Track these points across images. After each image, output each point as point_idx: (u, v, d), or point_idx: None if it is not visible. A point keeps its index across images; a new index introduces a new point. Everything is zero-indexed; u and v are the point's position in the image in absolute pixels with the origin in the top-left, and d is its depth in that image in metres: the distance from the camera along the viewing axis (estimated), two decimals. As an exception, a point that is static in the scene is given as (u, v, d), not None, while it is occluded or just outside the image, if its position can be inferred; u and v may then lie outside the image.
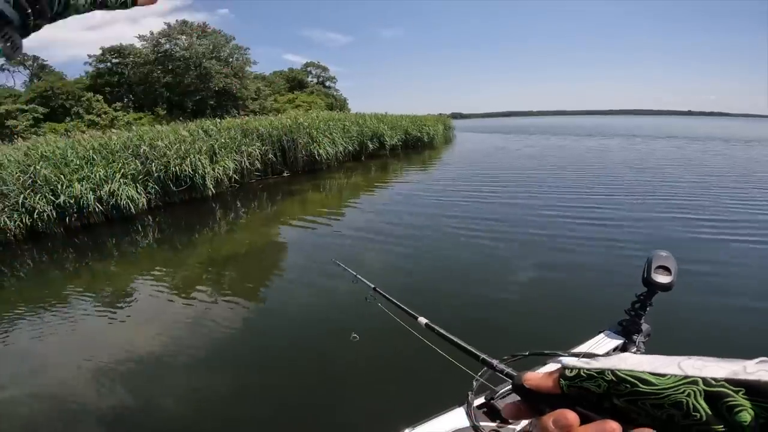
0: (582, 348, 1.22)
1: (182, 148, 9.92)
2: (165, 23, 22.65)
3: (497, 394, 1.03)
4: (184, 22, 22.91)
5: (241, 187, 11.39)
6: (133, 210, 8.61)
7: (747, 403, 0.24)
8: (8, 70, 27.62)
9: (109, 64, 25.81)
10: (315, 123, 12.72)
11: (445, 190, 9.38)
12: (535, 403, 0.33)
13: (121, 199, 8.46)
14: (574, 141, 23.14)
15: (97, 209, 8.25)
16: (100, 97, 24.82)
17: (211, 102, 23.34)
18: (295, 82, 37.34)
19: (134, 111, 26.45)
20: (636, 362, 0.29)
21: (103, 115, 24.52)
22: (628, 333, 1.24)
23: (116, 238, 7.62)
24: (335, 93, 42.20)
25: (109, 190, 8.43)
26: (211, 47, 22.13)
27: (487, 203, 7.76)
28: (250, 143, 11.26)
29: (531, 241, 5.56)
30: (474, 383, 0.95)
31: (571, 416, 0.29)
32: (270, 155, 11.95)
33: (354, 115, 16.21)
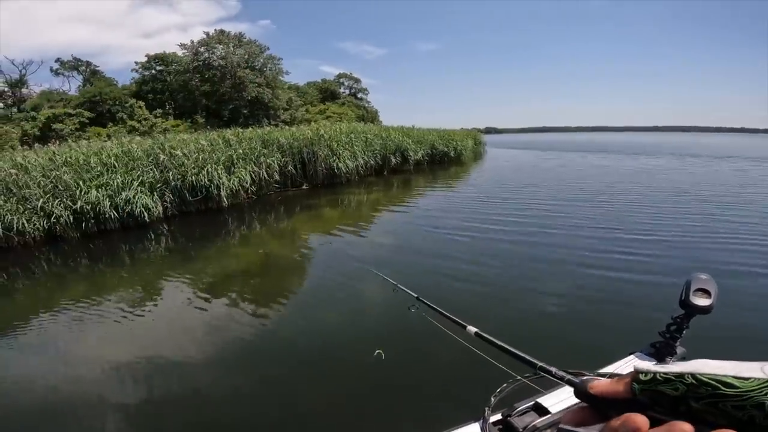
0: (609, 369, 1.15)
1: (200, 157, 9.89)
2: (204, 32, 23.56)
3: (515, 411, 1.00)
4: (222, 32, 23.67)
5: (258, 199, 11.26)
6: (147, 218, 8.61)
7: None
8: (63, 74, 29.67)
9: (153, 71, 27.12)
10: (336, 135, 12.42)
11: (462, 215, 8.65)
12: (602, 408, 0.34)
13: (136, 207, 8.49)
14: (615, 160, 21.59)
15: (112, 216, 8.30)
16: (142, 104, 26.03)
17: (245, 111, 23.85)
18: (327, 93, 37.85)
19: (174, 118, 27.60)
20: (718, 366, 0.30)
21: (143, 121, 25.67)
22: (660, 355, 1.20)
23: (129, 245, 7.66)
24: (367, 105, 42.39)
25: (126, 197, 8.48)
26: (245, 57, 22.66)
27: (507, 230, 6.99)
28: (269, 154, 11.09)
29: (562, 265, 5.20)
30: (492, 399, 0.95)
31: (640, 420, 0.30)
32: (290, 167, 11.73)
33: (377, 128, 15.81)
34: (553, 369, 0.71)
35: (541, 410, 1.01)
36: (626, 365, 1.20)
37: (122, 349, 3.65)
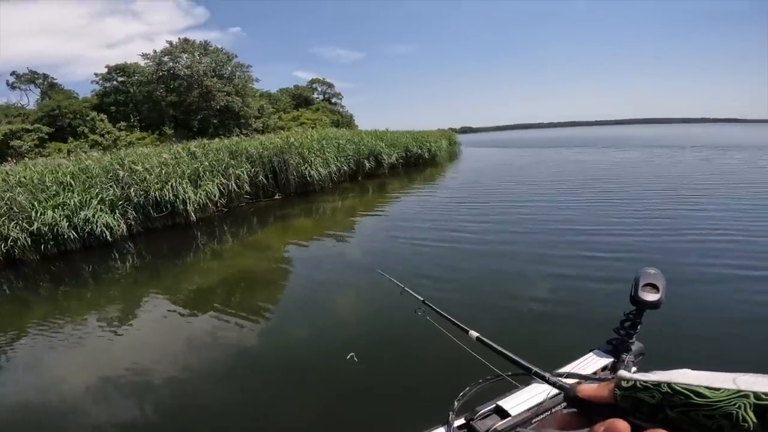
0: (569, 368, 1.16)
1: (163, 172, 9.47)
2: (167, 41, 22.77)
3: (477, 415, 0.99)
4: (186, 41, 22.99)
5: (229, 212, 10.90)
6: (109, 237, 8.20)
7: None
8: (20, 88, 28.18)
9: (114, 82, 26.05)
10: (307, 143, 12.15)
11: (431, 221, 8.51)
12: (588, 412, 0.36)
13: (96, 226, 8.06)
14: (587, 155, 22.11)
15: (71, 236, 7.89)
16: (104, 117, 24.92)
17: (214, 121, 23.20)
18: (300, 99, 37.42)
19: (141, 130, 26.57)
20: (693, 376, 0.33)
21: (106, 135, 24.58)
22: (617, 352, 1.20)
23: (93, 265, 7.35)
24: (341, 109, 42.17)
25: (85, 217, 8.05)
26: (212, 65, 22.04)
27: (475, 237, 6.89)
28: (238, 165, 10.73)
29: (529, 262, 5.30)
30: (456, 403, 0.98)
31: (622, 425, 0.32)
32: (261, 177, 11.39)
33: (350, 133, 15.61)
34: (547, 374, 0.73)
35: (502, 413, 1.00)
36: (585, 362, 1.22)
37: (91, 369, 3.57)
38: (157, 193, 9.09)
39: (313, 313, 4.41)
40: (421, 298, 1.42)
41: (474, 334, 1.10)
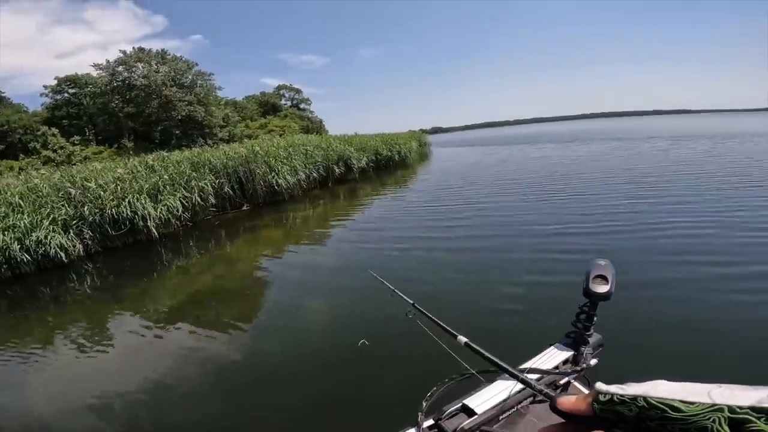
0: (531, 363, 1.18)
1: (119, 188, 9.00)
2: (120, 51, 21.77)
3: (444, 414, 1.00)
4: (141, 49, 22.03)
5: (195, 226, 10.47)
6: (65, 258, 7.76)
7: None
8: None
9: (66, 94, 24.67)
10: (273, 151, 11.87)
11: (400, 225, 8.40)
12: (574, 422, 0.37)
13: (50, 247, 7.61)
14: (551, 150, 22.81)
15: (25, 259, 7.44)
16: (57, 131, 23.55)
17: (177, 131, 22.34)
18: (268, 106, 36.77)
19: (97, 144, 25.24)
20: (667, 390, 0.33)
21: (59, 151, 23.24)
22: (576, 344, 1.21)
23: (51, 288, 6.98)
24: (310, 115, 41.76)
25: (36, 238, 7.58)
26: (171, 74, 21.20)
27: (443, 238, 6.92)
28: (201, 177, 10.34)
29: (495, 262, 5.36)
30: (423, 403, 1.00)
31: None
32: (226, 188, 11.03)
33: (318, 139, 15.41)
34: (533, 382, 0.73)
35: (469, 411, 1.01)
36: (547, 356, 1.24)
37: (57, 394, 3.50)
38: (113, 210, 8.61)
39: (287, 324, 4.35)
40: (411, 301, 1.41)
41: (462, 339, 1.09)
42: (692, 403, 0.30)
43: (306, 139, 14.75)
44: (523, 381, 0.80)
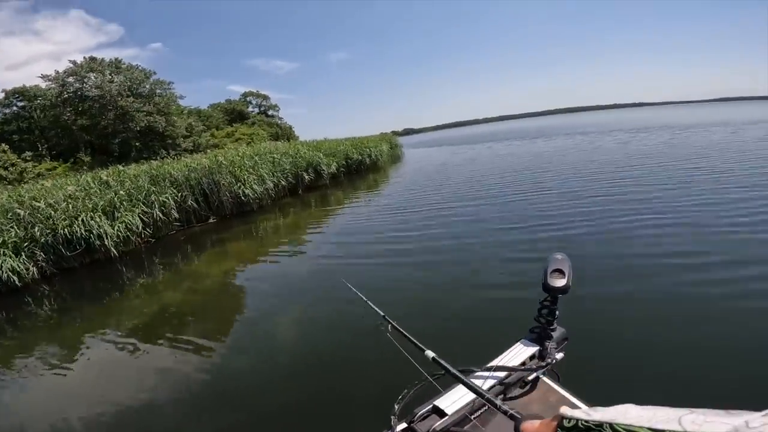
0: (498, 360, 1.19)
1: (72, 206, 8.46)
2: (70, 61, 20.53)
3: (416, 417, 1.01)
4: (93, 59, 20.87)
5: (158, 241, 10.00)
6: (17, 282, 7.28)
7: None
8: None
9: (15, 108, 23.10)
10: (238, 160, 11.48)
11: (371, 229, 8.25)
12: None
13: (2, 271, 7.16)
14: (518, 147, 23.36)
15: None
16: (6, 147, 21.99)
17: (136, 143, 21.31)
18: (234, 114, 35.81)
19: (52, 159, 23.77)
20: (636, 416, 0.30)
21: (11, 168, 21.71)
22: (541, 340, 1.21)
23: (6, 312, 6.57)
24: (279, 121, 41.04)
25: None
26: (127, 84, 20.20)
27: (408, 249, 6.78)
28: (161, 191, 9.86)
29: (465, 262, 5.38)
30: (395, 406, 1.02)
31: None
32: (190, 201, 10.57)
33: (285, 146, 15.04)
34: (498, 401, 0.73)
35: (440, 412, 1.00)
36: (513, 353, 1.23)
37: (21, 423, 3.35)
38: (66, 230, 8.10)
39: (258, 338, 4.22)
40: (382, 314, 1.40)
41: (430, 354, 1.08)
42: (662, 431, 0.28)
43: (273, 147, 14.38)
44: (488, 400, 0.79)
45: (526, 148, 22.46)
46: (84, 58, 20.59)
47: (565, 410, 0.35)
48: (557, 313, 1.18)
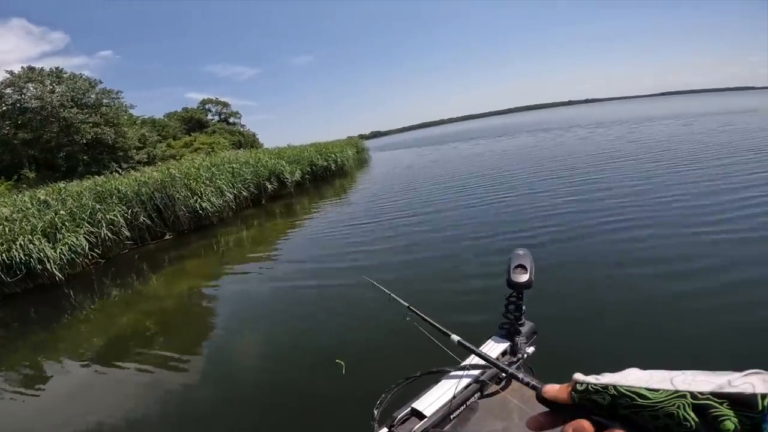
0: (472, 358, 1.16)
1: (7, 229, 7.74)
2: (6, 71, 18.91)
3: (396, 420, 1.00)
4: (31, 68, 19.31)
5: (109, 262, 9.34)
6: None
7: (730, 413, 0.29)
8: None
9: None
10: (193, 172, 10.91)
11: (328, 243, 7.92)
12: (558, 411, 0.38)
13: None
14: (483, 147, 23.82)
15: None
16: (-65, 167, 20.01)
17: (84, 157, 19.91)
18: (192, 122, 34.38)
19: (-9, 177, 21.81)
20: (636, 378, 0.34)
21: (-58, 189, 19.74)
22: (511, 335, 1.23)
23: None
24: (242, 129, 39.88)
25: None
26: (70, 94, 18.80)
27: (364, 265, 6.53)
28: (108, 209, 9.20)
29: (439, 268, 5.33)
30: (374, 411, 1.02)
31: (586, 425, 0.34)
32: (142, 218, 9.94)
33: (246, 155, 14.49)
34: (521, 375, 0.73)
35: (419, 414, 1.00)
36: (486, 349, 1.23)
37: None
38: (4, 255, 7.44)
39: (221, 362, 4.02)
40: (407, 304, 1.43)
41: (455, 338, 1.11)
42: (657, 391, 0.32)
43: (232, 156, 13.81)
44: (511, 375, 0.80)
45: (491, 146, 22.91)
46: (22, 67, 19.01)
47: (577, 376, 0.37)
48: (524, 307, 1.20)
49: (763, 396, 0.29)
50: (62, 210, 8.41)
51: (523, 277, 1.16)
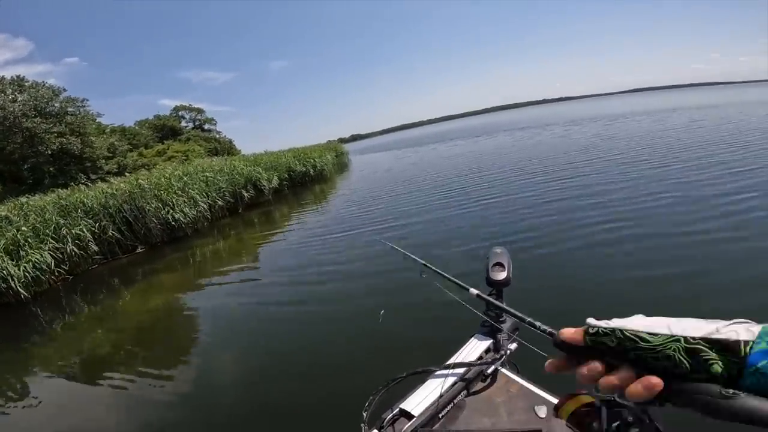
0: (456, 357, 1.22)
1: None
2: (-38, 81, 17.84)
3: (385, 422, 1.01)
4: (-11, 77, 18.37)
5: (77, 278, 8.96)
6: None
7: (718, 358, 0.32)
8: None
9: None
10: (164, 182, 10.54)
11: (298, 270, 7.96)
12: (573, 355, 0.40)
13: None
14: (461, 147, 24.04)
15: None
16: None
17: (51, 168, 19.02)
18: (165, 130, 33.42)
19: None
20: (639, 323, 0.37)
21: None
22: (493, 332, 1.25)
23: None
24: (217, 135, 39.05)
25: None
26: (32, 103, 17.90)
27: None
28: (73, 223, 8.79)
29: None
30: (363, 414, 1.02)
31: (599, 366, 0.37)
32: (111, 232, 9.54)
33: (219, 162, 14.11)
34: (538, 323, 0.74)
35: (407, 415, 0.99)
36: (470, 348, 1.25)
37: None
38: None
39: (197, 383, 3.84)
40: (423, 262, 1.44)
41: (474, 291, 1.12)
42: (656, 335, 0.34)
43: (206, 164, 13.43)
44: (530, 324, 0.75)
45: (470, 147, 23.10)
46: (-21, 77, 18.03)
47: (590, 320, 0.39)
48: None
49: (746, 343, 0.31)
50: (24, 226, 7.98)
51: (502, 275, 1.18)
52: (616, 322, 0.38)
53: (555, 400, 1.05)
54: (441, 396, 1.02)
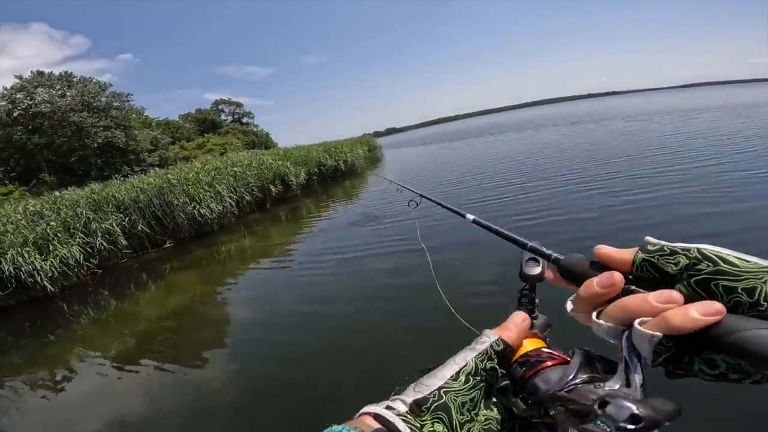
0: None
1: (-2, 242, 7.49)
2: (16, 76, 19.04)
3: None
4: (40, 73, 19.41)
5: (106, 272, 9.03)
6: None
7: None
8: None
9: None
10: (192, 177, 10.44)
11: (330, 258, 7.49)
12: (570, 279, 0.37)
13: None
14: (503, 145, 22.67)
15: None
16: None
17: (98, 161, 19.94)
18: (206, 123, 34.43)
19: (11, 182, 22.24)
20: (722, 248, 0.32)
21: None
22: None
23: None
24: (255, 129, 39.81)
25: None
26: (80, 98, 18.79)
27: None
28: (104, 218, 8.83)
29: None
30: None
31: (617, 276, 0.32)
32: (140, 226, 9.55)
33: (249, 157, 13.97)
34: (543, 248, 0.73)
35: None
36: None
37: None
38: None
39: (233, 366, 3.89)
40: (419, 192, 1.55)
41: (470, 216, 1.10)
42: (748, 261, 0.29)
43: (236, 159, 13.33)
44: (531, 249, 0.68)
45: (521, 142, 21.38)
46: (31, 72, 19.18)
47: (649, 238, 0.35)
48: (536, 300, 0.95)
49: None
50: (53, 221, 8.07)
51: (536, 270, 0.96)
52: (686, 243, 0.32)
53: None
54: None
